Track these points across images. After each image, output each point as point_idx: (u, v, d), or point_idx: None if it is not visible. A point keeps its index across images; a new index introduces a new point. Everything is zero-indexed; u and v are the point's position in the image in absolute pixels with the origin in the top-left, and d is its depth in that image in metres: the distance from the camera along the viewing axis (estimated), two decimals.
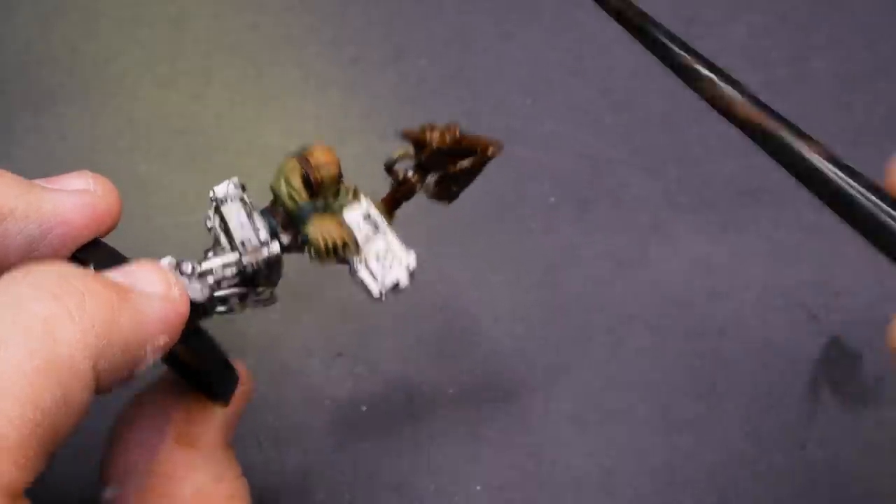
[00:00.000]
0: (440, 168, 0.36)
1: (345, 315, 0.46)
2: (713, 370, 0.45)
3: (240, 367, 0.35)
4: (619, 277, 0.47)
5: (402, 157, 0.36)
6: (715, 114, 0.51)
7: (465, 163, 0.36)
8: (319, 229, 0.33)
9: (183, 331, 0.29)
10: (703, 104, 0.51)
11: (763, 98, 0.52)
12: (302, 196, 0.33)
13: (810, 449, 0.43)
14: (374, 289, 0.33)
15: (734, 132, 0.51)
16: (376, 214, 0.34)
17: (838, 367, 0.45)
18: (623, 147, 0.51)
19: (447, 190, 0.37)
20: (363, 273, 0.33)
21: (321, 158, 0.33)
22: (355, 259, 0.33)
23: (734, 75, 0.53)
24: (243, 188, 0.34)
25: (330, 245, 0.33)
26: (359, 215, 0.34)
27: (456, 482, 0.43)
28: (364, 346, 0.46)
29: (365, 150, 0.50)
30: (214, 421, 0.34)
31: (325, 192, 0.34)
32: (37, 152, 0.49)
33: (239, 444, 0.36)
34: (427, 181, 0.36)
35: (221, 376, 0.34)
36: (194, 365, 0.33)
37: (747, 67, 0.53)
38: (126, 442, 0.34)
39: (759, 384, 0.45)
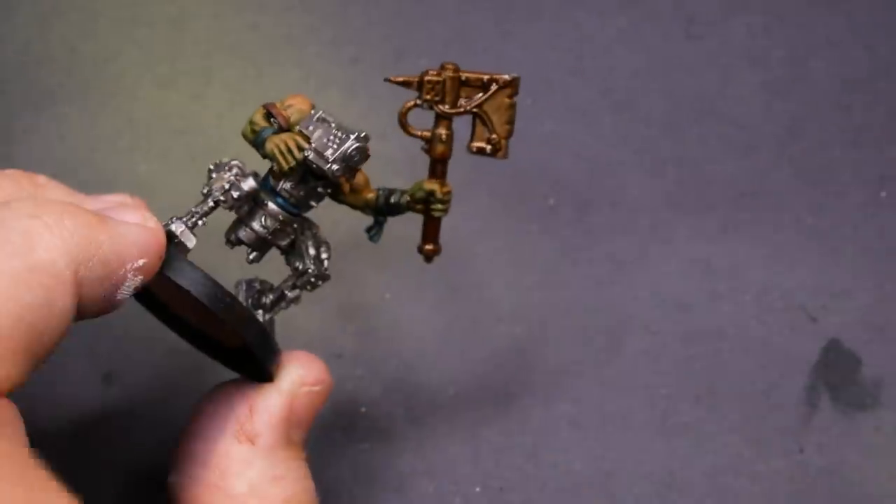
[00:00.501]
0: (457, 110, 0.36)
1: (344, 316, 0.46)
2: (712, 372, 0.45)
3: (318, 363, 0.36)
4: (618, 279, 0.48)
5: (411, 107, 0.37)
6: (716, 115, 0.51)
7: (482, 95, 0.36)
8: (272, 142, 0.35)
9: (213, 293, 0.32)
10: (704, 105, 0.51)
11: (763, 98, 0.52)
12: (261, 125, 0.35)
13: (808, 452, 0.44)
14: (325, 165, 0.35)
15: (734, 133, 0.51)
16: (326, 114, 0.35)
17: (837, 370, 0.45)
18: (623, 148, 0.51)
19: (487, 140, 0.37)
20: (314, 158, 0.35)
21: (289, 101, 0.36)
22: (309, 152, 0.35)
23: (734, 75, 0.53)
24: (242, 170, 0.36)
25: (282, 148, 0.34)
26: (309, 120, 0.35)
27: (455, 483, 0.43)
28: (364, 348, 0.46)
29: None
30: (276, 419, 0.35)
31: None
32: (36, 152, 0.49)
33: None
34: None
35: (259, 347, 0.34)
36: (228, 336, 0.34)
37: (747, 67, 0.53)
38: (190, 432, 0.35)
39: (758, 387, 0.45)
